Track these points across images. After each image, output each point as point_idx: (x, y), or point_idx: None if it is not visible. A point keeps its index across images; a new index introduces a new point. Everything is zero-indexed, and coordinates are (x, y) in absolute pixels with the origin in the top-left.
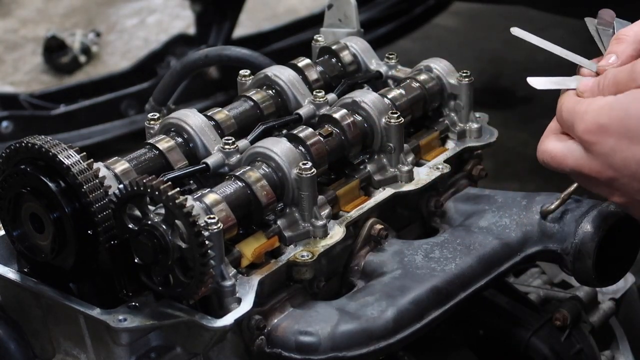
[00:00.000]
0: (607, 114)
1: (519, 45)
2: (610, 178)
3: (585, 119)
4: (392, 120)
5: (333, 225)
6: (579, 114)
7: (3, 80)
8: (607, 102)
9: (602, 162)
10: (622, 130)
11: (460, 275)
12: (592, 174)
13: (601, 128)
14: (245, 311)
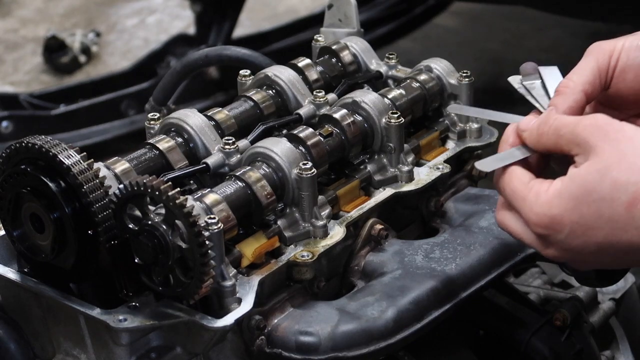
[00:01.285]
0: (557, 205)
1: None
2: (568, 259)
3: (535, 211)
4: (393, 120)
5: (333, 225)
6: (526, 203)
7: (3, 80)
8: (555, 192)
9: (557, 248)
10: (575, 218)
11: (460, 276)
12: (549, 257)
13: (554, 220)
14: (245, 311)
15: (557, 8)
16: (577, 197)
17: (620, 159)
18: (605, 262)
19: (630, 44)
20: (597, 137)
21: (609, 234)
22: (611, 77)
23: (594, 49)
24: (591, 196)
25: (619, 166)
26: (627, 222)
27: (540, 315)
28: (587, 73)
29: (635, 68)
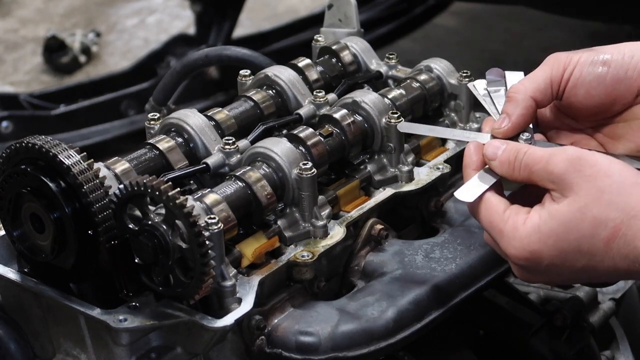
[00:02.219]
0: (537, 241)
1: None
2: (545, 282)
3: (513, 244)
4: (393, 120)
5: (333, 226)
6: (504, 237)
7: (3, 80)
8: (534, 226)
9: (535, 275)
10: (555, 253)
11: (460, 276)
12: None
13: (533, 254)
14: (245, 311)
15: (557, 8)
16: (558, 234)
17: (599, 196)
18: (580, 281)
19: (585, 59)
20: (572, 175)
21: (587, 264)
22: (563, 89)
23: (551, 59)
24: (572, 234)
25: (599, 204)
26: (604, 254)
27: (540, 315)
28: (539, 81)
29: (587, 84)
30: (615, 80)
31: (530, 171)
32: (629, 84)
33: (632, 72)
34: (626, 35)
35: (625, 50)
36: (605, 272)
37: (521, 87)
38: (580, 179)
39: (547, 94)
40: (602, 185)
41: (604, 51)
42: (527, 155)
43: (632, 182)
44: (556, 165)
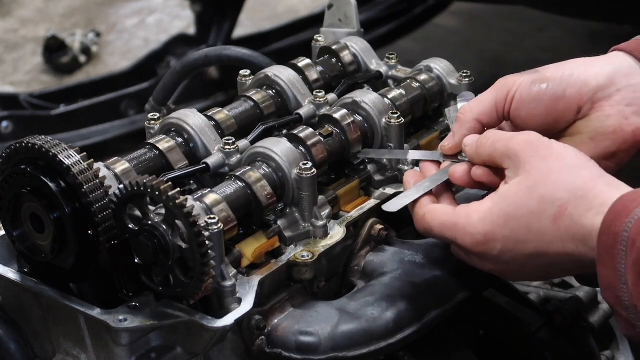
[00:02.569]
0: (490, 222)
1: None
2: (503, 271)
3: (469, 232)
4: (393, 121)
5: (333, 226)
6: (459, 227)
7: (3, 80)
8: (486, 210)
9: (493, 262)
10: (507, 233)
11: (460, 276)
12: (485, 270)
13: (488, 236)
14: (245, 311)
15: (557, 8)
16: (508, 213)
17: (547, 175)
18: (535, 273)
19: (525, 81)
20: (527, 153)
21: (537, 247)
22: (508, 111)
23: (499, 82)
24: (521, 211)
25: (546, 183)
26: (553, 234)
27: (540, 315)
28: (484, 104)
29: (527, 105)
30: (554, 99)
31: (493, 148)
32: (568, 102)
33: (570, 90)
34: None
35: (565, 69)
36: (556, 256)
37: (468, 109)
38: (533, 158)
39: (493, 116)
40: (552, 166)
41: (545, 71)
42: (495, 134)
43: (582, 165)
44: (516, 143)
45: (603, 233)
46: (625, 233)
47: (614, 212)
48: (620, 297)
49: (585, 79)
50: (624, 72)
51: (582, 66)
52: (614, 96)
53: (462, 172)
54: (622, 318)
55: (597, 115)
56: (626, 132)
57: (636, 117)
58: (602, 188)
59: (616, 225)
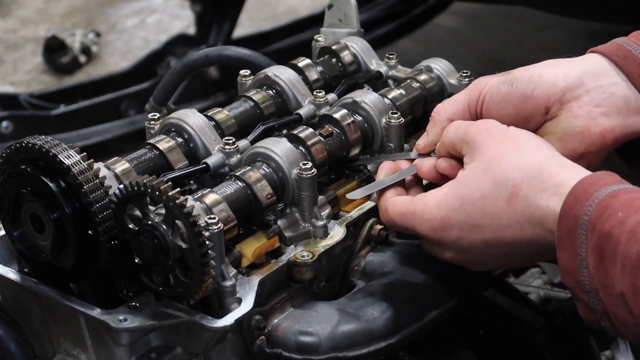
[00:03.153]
0: (445, 206)
1: (519, 45)
2: (465, 259)
3: (425, 218)
4: (393, 121)
5: (333, 226)
6: (417, 215)
7: (3, 80)
8: (442, 194)
9: (452, 249)
10: (462, 217)
11: (460, 276)
12: (447, 259)
13: (443, 221)
14: (245, 311)
15: (557, 8)
16: (462, 196)
17: (501, 157)
18: (497, 260)
19: (495, 82)
20: (483, 137)
21: (495, 231)
22: (480, 111)
23: (473, 83)
24: (474, 194)
25: (499, 164)
26: (509, 217)
27: (540, 315)
28: (458, 105)
29: (496, 105)
30: (522, 99)
31: (455, 135)
32: (536, 102)
33: (539, 90)
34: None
35: (534, 70)
36: (514, 242)
37: (442, 108)
38: (488, 142)
39: (466, 116)
40: (505, 148)
41: (515, 72)
42: (457, 122)
43: (535, 146)
44: (473, 129)
45: (563, 216)
46: (586, 217)
47: (574, 195)
48: (581, 281)
49: (554, 79)
50: (593, 73)
51: (552, 67)
52: (582, 97)
53: (429, 166)
54: (582, 302)
55: (566, 115)
56: (593, 133)
57: (604, 118)
58: (556, 168)
59: (576, 208)
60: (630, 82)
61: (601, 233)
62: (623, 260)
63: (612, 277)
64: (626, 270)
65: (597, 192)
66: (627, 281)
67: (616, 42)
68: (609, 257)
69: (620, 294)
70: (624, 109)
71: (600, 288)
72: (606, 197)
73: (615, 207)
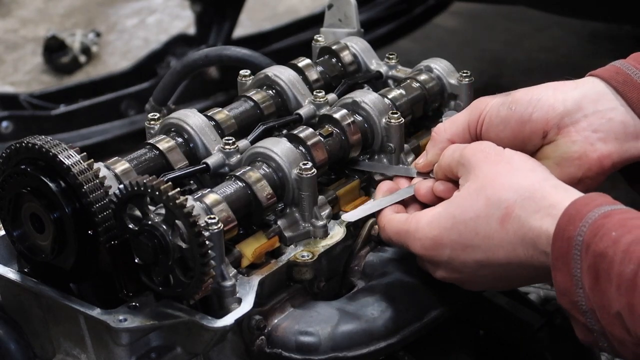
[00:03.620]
0: (437, 225)
1: (519, 45)
2: (457, 279)
3: (417, 237)
4: (393, 121)
5: (333, 226)
6: (410, 234)
7: (3, 80)
8: (434, 214)
9: (444, 268)
10: (454, 237)
11: None
12: (439, 278)
13: (435, 240)
14: (245, 311)
15: (557, 8)
16: (455, 215)
17: (494, 179)
18: (489, 281)
19: (495, 103)
20: (478, 158)
21: (486, 251)
22: (480, 132)
23: (473, 103)
24: (467, 214)
25: (493, 185)
26: (501, 237)
27: (540, 315)
28: (458, 125)
29: (495, 127)
30: (520, 122)
31: (452, 158)
32: (534, 126)
33: (537, 114)
34: (626, 35)
35: (534, 92)
36: (506, 263)
37: (442, 129)
38: (483, 162)
39: (466, 137)
40: (500, 170)
41: (516, 94)
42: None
43: (530, 168)
44: (469, 150)
45: (557, 238)
46: (580, 237)
47: (567, 217)
48: (577, 302)
49: (552, 103)
50: (591, 98)
51: (551, 90)
52: (580, 122)
53: (427, 188)
54: (579, 323)
55: (564, 140)
56: (591, 158)
57: (601, 143)
58: (549, 190)
59: (569, 229)
60: (629, 107)
61: (595, 253)
62: (618, 280)
63: (608, 296)
64: (621, 289)
65: (590, 212)
66: (623, 300)
67: (615, 66)
68: (604, 277)
69: (616, 313)
70: (621, 134)
71: (596, 308)
72: (599, 217)
73: (609, 227)
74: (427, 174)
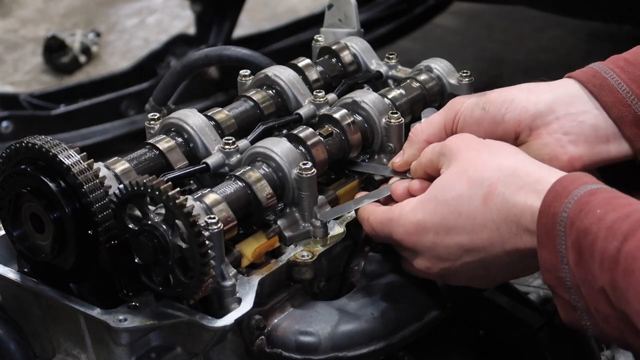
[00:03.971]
0: (420, 209)
1: (519, 45)
2: (441, 269)
3: (401, 223)
4: (393, 120)
5: (333, 225)
6: (393, 220)
7: (3, 80)
8: (418, 199)
9: (428, 256)
10: (437, 220)
11: None
12: (423, 270)
13: (419, 225)
14: (245, 311)
15: (557, 8)
16: (437, 197)
17: (476, 161)
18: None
19: (470, 103)
20: (460, 147)
21: (470, 232)
22: (455, 132)
23: (450, 103)
24: (449, 194)
25: (475, 166)
26: (484, 216)
27: (540, 315)
28: (434, 126)
29: (468, 128)
30: (493, 123)
31: (432, 151)
32: (506, 127)
33: (509, 115)
34: (626, 35)
35: (508, 93)
36: (490, 244)
37: (419, 130)
38: (465, 149)
39: (442, 137)
40: (481, 154)
41: (490, 94)
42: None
43: (511, 151)
44: (451, 141)
45: (542, 214)
46: (564, 213)
47: (553, 193)
48: (562, 278)
49: (525, 105)
50: (564, 101)
51: (525, 92)
52: (552, 124)
53: (403, 188)
54: (562, 301)
55: (535, 142)
56: (562, 160)
57: (572, 145)
58: (533, 167)
59: (555, 206)
60: (603, 110)
61: (580, 229)
62: (601, 256)
63: (592, 272)
64: (604, 266)
65: (576, 189)
66: (606, 277)
67: (593, 69)
68: (588, 253)
69: (600, 288)
70: (592, 137)
71: (581, 283)
72: (585, 194)
73: (594, 204)
74: (404, 174)
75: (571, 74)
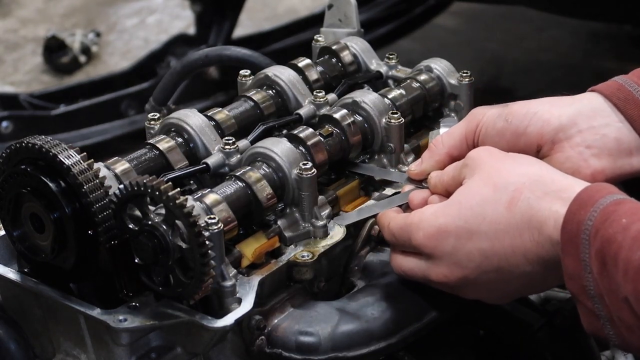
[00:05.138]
0: (442, 213)
1: (519, 45)
2: (459, 278)
3: (422, 227)
4: (393, 121)
5: (333, 226)
6: (413, 225)
7: (3, 80)
8: (440, 205)
9: (447, 263)
10: (460, 223)
11: None
12: (440, 279)
13: (440, 229)
14: (245, 311)
15: (557, 8)
16: (461, 202)
17: (501, 168)
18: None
19: (492, 114)
20: (483, 157)
21: (492, 238)
22: (476, 144)
23: (470, 113)
24: (474, 199)
25: (499, 173)
26: (508, 222)
27: (540, 315)
28: (455, 137)
29: (490, 140)
30: (515, 135)
31: (455, 167)
32: (528, 140)
33: (532, 128)
34: (626, 35)
35: (531, 106)
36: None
37: (440, 142)
38: (489, 158)
39: (463, 149)
40: (506, 163)
41: (512, 106)
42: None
43: (535, 162)
44: (474, 152)
45: (567, 222)
46: (589, 222)
47: (579, 201)
48: (586, 287)
49: (548, 117)
50: (586, 114)
51: (547, 105)
52: (574, 137)
53: (421, 199)
54: (586, 310)
55: (558, 156)
56: (584, 174)
57: (595, 159)
58: (558, 176)
59: (580, 214)
60: (628, 124)
61: (604, 238)
62: (625, 266)
63: (616, 281)
64: (628, 275)
65: (602, 198)
66: (630, 287)
67: (617, 82)
68: (611, 263)
69: (624, 298)
70: (615, 151)
71: (605, 292)
72: (611, 203)
73: (620, 213)
74: (420, 182)
75: (594, 88)
